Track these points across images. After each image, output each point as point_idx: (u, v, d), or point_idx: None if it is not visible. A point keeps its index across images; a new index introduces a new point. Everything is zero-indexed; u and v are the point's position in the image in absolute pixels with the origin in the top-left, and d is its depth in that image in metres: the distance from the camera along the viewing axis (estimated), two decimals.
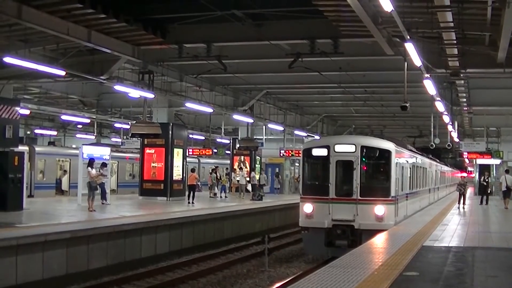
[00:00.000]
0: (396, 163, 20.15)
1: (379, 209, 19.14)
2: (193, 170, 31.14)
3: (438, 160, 43.03)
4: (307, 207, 19.80)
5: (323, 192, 19.55)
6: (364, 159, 19.54)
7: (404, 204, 21.98)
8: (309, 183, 20.90)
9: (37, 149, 35.63)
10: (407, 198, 22.71)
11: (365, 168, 19.76)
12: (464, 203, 29.17)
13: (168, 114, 33.54)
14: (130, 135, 30.95)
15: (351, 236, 19.01)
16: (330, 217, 19.28)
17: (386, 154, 19.77)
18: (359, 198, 19.18)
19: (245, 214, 27.54)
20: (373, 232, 17.50)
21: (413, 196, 24.48)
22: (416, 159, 26.43)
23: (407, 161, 23.24)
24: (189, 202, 28.61)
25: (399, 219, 20.42)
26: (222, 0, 18.67)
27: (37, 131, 48.13)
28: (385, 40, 19.52)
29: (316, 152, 20.25)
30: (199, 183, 34.99)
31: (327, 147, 19.78)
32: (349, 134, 47.86)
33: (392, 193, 19.58)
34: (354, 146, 19.57)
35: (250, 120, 37.32)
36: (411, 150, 26.65)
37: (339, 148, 19.70)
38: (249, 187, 37.57)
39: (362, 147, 19.58)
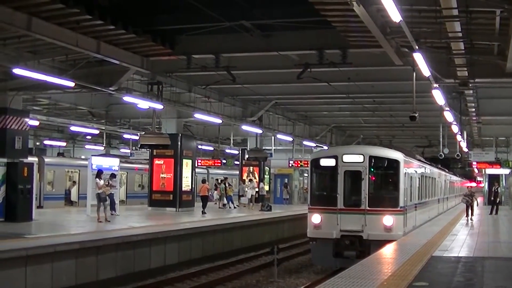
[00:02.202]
0: (405, 173, 20.09)
1: (388, 220, 19.08)
2: (204, 181, 31.16)
3: (447, 170, 42.90)
4: (315, 218, 19.76)
5: (331, 203, 19.50)
6: (372, 169, 19.50)
7: (413, 214, 21.89)
8: (317, 193, 20.86)
9: (46, 160, 35.81)
10: (416, 208, 22.62)
11: (374, 178, 19.72)
12: (472, 215, 28.22)
13: (177, 125, 33.51)
14: (139, 146, 31.02)
15: (360, 247, 18.94)
16: (339, 228, 19.23)
17: (394, 164, 19.71)
18: (368, 208, 19.13)
19: (254, 225, 27.53)
20: (381, 243, 17.45)
21: (422, 206, 24.39)
22: (425, 169, 26.35)
23: (416, 171, 23.17)
24: (203, 212, 28.81)
25: (408, 229, 20.34)
26: (231, 11, 18.66)
27: (46, 142, 48.26)
28: (393, 50, 19.50)
29: (324, 162, 20.21)
30: (210, 193, 35.17)
31: (335, 157, 19.75)
32: (358, 144, 47.75)
33: (401, 203, 19.52)
34: (362, 156, 19.53)
35: (259, 131, 37.30)
36: (420, 160, 26.57)
37: (347, 158, 19.66)
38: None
39: (371, 157, 19.53)
